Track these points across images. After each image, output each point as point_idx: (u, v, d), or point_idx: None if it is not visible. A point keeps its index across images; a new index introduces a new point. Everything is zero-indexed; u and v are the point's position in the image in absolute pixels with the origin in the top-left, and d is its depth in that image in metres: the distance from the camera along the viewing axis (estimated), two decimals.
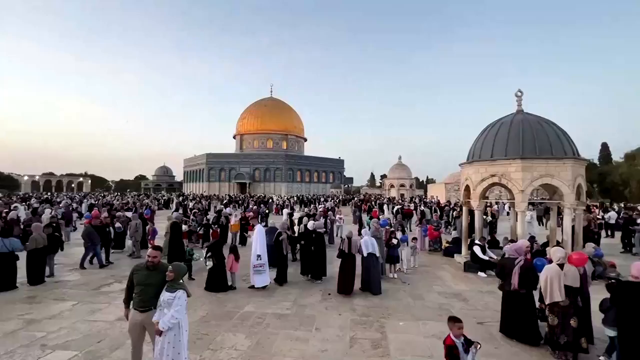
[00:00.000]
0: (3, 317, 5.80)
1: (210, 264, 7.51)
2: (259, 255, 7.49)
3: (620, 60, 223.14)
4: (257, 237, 7.79)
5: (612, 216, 16.35)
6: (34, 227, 8.33)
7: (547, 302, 4.62)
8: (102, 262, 9.74)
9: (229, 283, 7.70)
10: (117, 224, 11.92)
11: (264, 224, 17.48)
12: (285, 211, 18.59)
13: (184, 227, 12.38)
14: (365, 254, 7.49)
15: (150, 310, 3.69)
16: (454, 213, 17.31)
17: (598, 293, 5.48)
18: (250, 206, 22.82)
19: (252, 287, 7.53)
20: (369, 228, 8.80)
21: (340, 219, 15.70)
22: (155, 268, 3.79)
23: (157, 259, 3.83)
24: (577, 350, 4.47)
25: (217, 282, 7.42)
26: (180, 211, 17.95)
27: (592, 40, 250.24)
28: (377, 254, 7.66)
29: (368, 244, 7.58)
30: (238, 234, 13.23)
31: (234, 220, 13.24)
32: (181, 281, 3.70)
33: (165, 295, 3.54)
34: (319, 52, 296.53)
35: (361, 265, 7.58)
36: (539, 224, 19.58)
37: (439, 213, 18.20)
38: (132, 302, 3.81)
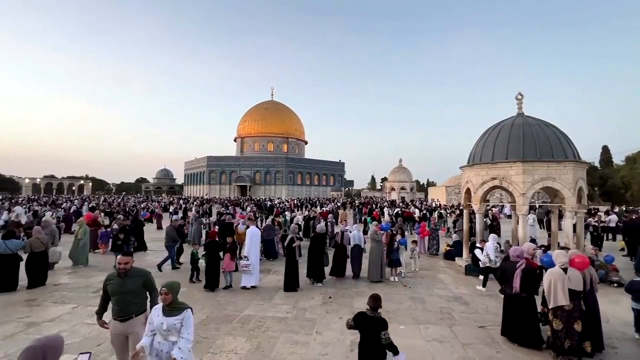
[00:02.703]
0: (2, 320, 5.77)
1: (203, 263, 7.70)
2: (245, 257, 7.67)
3: (622, 62, 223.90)
4: (248, 239, 7.94)
5: (612, 219, 16.28)
6: (34, 230, 8.33)
7: (550, 306, 4.59)
8: (174, 263, 9.72)
9: (226, 283, 7.80)
10: (115, 226, 11.90)
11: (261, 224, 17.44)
12: (288, 213, 18.61)
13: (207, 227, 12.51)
14: (352, 245, 8.82)
15: (131, 318, 3.56)
16: (454, 216, 17.29)
17: (603, 297, 5.47)
18: (248, 209, 22.49)
19: (244, 287, 7.68)
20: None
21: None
22: (127, 275, 3.62)
23: (128, 266, 3.64)
24: (581, 355, 4.43)
25: (211, 280, 7.64)
26: (205, 216, 17.98)
27: (593, 42, 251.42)
28: (362, 246, 9.02)
29: (355, 237, 8.91)
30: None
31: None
32: (177, 298, 3.23)
33: (167, 321, 3.03)
34: (319, 55, 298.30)
35: (350, 255, 8.87)
36: (540, 227, 19.52)
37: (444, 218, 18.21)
38: (111, 312, 3.64)
